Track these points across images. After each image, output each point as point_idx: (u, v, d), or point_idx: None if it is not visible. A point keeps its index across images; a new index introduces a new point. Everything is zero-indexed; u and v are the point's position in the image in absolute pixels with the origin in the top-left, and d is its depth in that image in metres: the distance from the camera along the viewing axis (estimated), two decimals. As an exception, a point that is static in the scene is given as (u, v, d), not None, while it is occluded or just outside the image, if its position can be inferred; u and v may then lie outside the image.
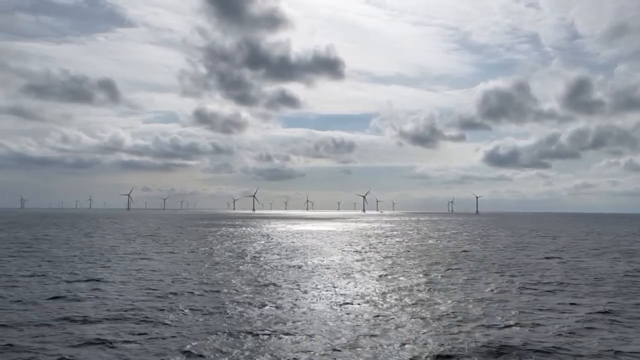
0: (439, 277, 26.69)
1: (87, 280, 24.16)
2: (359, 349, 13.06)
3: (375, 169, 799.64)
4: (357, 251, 42.53)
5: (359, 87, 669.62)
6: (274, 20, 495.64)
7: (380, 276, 26.82)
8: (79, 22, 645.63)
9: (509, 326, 15.54)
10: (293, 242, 52.80)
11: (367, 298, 20.25)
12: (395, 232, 79.02)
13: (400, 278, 26.09)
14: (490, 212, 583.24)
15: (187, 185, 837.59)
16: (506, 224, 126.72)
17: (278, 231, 79.24)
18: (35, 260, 33.02)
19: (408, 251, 43.09)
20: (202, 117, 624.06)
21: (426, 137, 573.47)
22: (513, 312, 17.63)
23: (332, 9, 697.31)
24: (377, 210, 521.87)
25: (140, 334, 14.30)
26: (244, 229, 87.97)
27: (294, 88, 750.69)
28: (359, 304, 18.93)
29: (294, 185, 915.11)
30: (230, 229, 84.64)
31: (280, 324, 15.54)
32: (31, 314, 16.84)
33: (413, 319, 16.44)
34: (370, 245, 50.36)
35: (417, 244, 52.67)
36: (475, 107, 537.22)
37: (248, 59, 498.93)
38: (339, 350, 12.93)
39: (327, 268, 30.25)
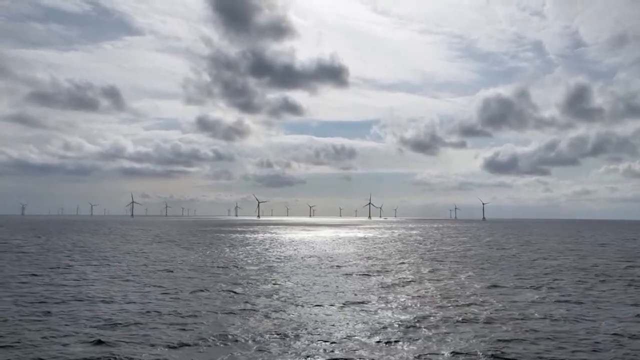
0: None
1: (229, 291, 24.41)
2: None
3: (376, 175, 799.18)
4: (414, 256, 43.76)
5: (362, 94, 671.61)
6: (280, 30, 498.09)
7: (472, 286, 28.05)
8: (87, 31, 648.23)
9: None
10: (333, 249, 53.88)
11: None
12: (428, 239, 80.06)
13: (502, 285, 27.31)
14: (491, 218, 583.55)
15: (186, 192, 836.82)
16: (531, 231, 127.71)
17: (304, 238, 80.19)
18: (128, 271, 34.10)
19: (484, 260, 44.25)
20: (204, 124, 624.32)
21: (427, 144, 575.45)
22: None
23: (340, 18, 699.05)
24: (380, 216, 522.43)
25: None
26: (267, 234, 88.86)
27: (297, 96, 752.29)
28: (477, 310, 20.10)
29: (294, 192, 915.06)
30: (258, 235, 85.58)
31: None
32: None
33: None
34: (416, 251, 51.50)
35: (473, 251, 53.79)
36: (476, 114, 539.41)
37: (253, 67, 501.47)
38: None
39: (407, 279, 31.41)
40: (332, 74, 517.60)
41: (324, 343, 14.30)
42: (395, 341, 14.58)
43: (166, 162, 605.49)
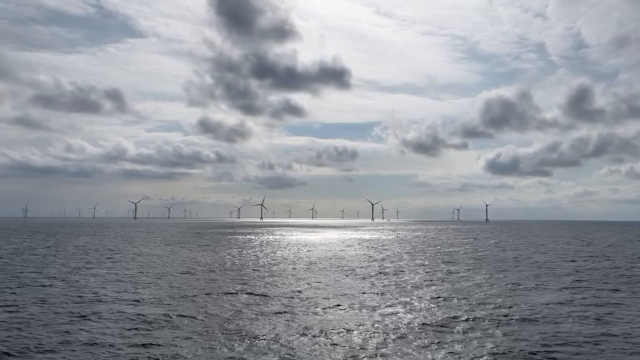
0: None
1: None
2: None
3: (378, 177, 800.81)
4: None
5: (364, 96, 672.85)
6: (282, 32, 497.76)
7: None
8: (90, 33, 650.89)
9: None
10: (344, 251, 53.83)
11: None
12: (435, 240, 79.89)
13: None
14: (493, 220, 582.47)
15: (187, 194, 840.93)
16: (536, 232, 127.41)
17: (313, 240, 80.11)
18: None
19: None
20: (206, 126, 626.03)
21: (429, 146, 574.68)
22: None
23: (343, 20, 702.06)
24: (383, 218, 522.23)
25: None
26: (274, 237, 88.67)
27: (300, 98, 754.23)
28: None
29: (295, 194, 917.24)
30: (265, 237, 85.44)
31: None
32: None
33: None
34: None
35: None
36: (478, 115, 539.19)
37: (255, 70, 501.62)
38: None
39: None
40: (334, 75, 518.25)
41: (357, 348, 14.13)
42: (434, 344, 14.53)
43: (168, 164, 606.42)
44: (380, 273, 32.32)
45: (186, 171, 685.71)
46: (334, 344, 14.46)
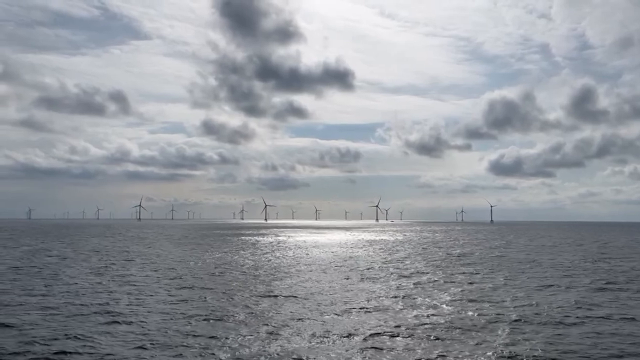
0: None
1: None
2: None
3: (380, 178, 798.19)
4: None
5: (368, 97, 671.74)
6: (286, 34, 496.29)
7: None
8: (95, 35, 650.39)
9: None
10: (356, 253, 53.82)
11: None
12: (444, 241, 79.81)
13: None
14: (497, 221, 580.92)
15: (190, 195, 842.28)
16: (542, 233, 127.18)
17: (322, 241, 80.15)
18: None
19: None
20: (209, 128, 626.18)
21: (432, 147, 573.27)
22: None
23: (347, 21, 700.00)
24: (387, 219, 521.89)
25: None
26: (283, 238, 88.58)
27: (303, 99, 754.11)
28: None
29: (298, 195, 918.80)
30: (277, 238, 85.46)
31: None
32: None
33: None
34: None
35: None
36: (481, 116, 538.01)
37: (259, 71, 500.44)
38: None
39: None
40: (337, 77, 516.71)
41: (403, 352, 14.11)
42: (480, 346, 14.53)
43: (171, 166, 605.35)
44: (402, 276, 32.24)
45: (189, 172, 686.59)
46: (377, 348, 14.42)
